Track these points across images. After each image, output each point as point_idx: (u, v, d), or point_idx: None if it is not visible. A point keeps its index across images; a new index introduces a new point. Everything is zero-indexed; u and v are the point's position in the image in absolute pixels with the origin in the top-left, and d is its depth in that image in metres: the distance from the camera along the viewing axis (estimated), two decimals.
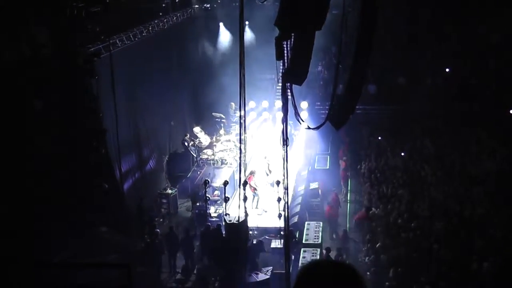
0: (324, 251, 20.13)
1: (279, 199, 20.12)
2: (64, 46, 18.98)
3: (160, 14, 28.41)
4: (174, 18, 28.80)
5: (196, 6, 32.82)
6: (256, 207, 23.53)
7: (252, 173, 23.68)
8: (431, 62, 33.35)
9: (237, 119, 27.76)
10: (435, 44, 32.82)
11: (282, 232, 19.62)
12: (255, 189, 23.49)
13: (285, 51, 12.76)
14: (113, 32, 21.77)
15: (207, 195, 22.82)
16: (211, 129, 30.51)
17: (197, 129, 29.46)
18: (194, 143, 28.74)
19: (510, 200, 20.64)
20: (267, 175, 24.96)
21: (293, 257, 19.82)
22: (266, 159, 25.09)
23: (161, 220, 24.35)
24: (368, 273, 18.21)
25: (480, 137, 27.18)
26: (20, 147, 17.32)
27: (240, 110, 17.23)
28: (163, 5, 29.67)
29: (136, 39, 23.89)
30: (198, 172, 27.03)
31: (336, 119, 13.10)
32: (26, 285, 8.60)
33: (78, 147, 19.64)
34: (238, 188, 20.12)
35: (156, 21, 26.58)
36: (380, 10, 11.39)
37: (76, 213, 18.47)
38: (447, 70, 34.02)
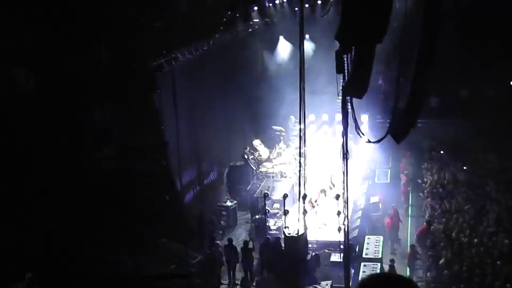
0: (389, 262, 19.92)
1: (339, 213, 20.01)
2: (126, 58, 19.37)
3: (221, 28, 28.66)
4: (235, 32, 29.02)
5: (257, 20, 32.98)
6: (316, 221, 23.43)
7: (323, 191, 23.70)
8: (494, 75, 32.62)
9: (297, 132, 27.76)
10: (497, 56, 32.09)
11: (341, 246, 19.50)
12: (314, 202, 23.40)
13: (346, 65, 12.74)
14: (175, 47, 22.08)
15: (266, 207, 22.88)
16: (271, 142, 30.58)
17: (256, 142, 29.58)
18: (254, 156, 28.86)
19: None
20: (330, 189, 24.84)
21: (353, 271, 19.64)
22: (330, 173, 24.90)
23: (221, 232, 24.49)
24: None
25: None
26: (80, 162, 17.72)
27: (300, 123, 17.28)
28: (224, 19, 29.93)
29: (197, 53, 24.15)
30: (258, 185, 27.10)
31: (397, 133, 12.96)
32: None
33: (141, 159, 19.99)
34: (298, 202, 20.11)
35: (217, 35, 26.82)
36: (442, 21, 11.24)
37: (139, 225, 18.77)
38: (511, 82, 33.22)
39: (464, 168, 27.00)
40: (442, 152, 29.31)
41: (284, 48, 34.06)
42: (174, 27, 21.99)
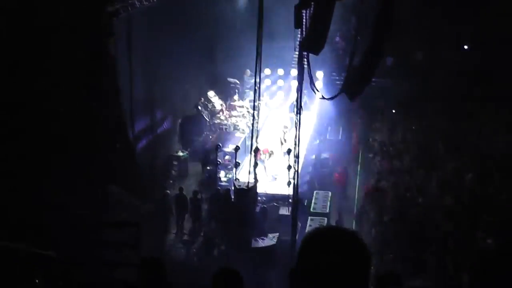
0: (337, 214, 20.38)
1: (289, 167, 20.20)
2: (81, 3, 18.89)
3: None
4: None
5: None
6: (265, 175, 23.59)
7: (271, 153, 23.79)
8: (450, 37, 32.92)
9: (251, 85, 27.73)
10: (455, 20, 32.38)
11: (290, 200, 19.75)
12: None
13: (304, 20, 12.71)
14: None
15: (218, 159, 22.94)
16: (226, 94, 30.48)
17: (211, 93, 29.44)
18: (208, 107, 28.77)
19: None
20: (282, 144, 24.97)
21: (300, 224, 19.95)
22: (285, 129, 24.97)
23: (171, 182, 24.50)
24: (373, 243, 18.30)
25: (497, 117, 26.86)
26: (34, 102, 17.38)
27: (255, 77, 17.24)
28: None
29: (155, 0, 23.71)
30: (210, 137, 27.09)
31: (351, 90, 13.08)
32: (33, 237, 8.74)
33: (92, 106, 19.69)
34: (249, 154, 20.22)
35: None
36: None
37: (88, 172, 18.60)
38: (465, 47, 33.59)
39: (413, 128, 27.38)
40: (394, 111, 29.65)
41: None
42: None
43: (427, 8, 32.79)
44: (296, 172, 17.68)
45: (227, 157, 24.66)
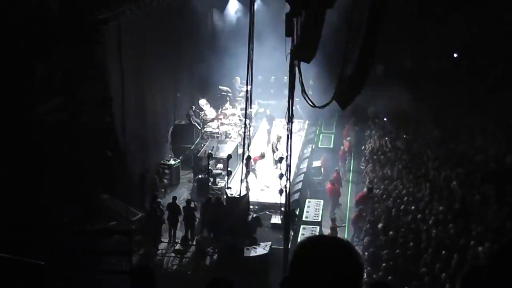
0: (331, 223, 20.39)
1: (281, 176, 20.20)
2: (71, 11, 18.89)
3: None
4: None
5: None
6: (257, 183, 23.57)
7: (262, 156, 23.79)
8: (438, 45, 33.10)
9: (243, 93, 27.75)
10: (443, 27, 32.55)
11: (282, 208, 19.73)
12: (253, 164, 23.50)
13: (295, 28, 12.73)
14: (122, 1, 21.62)
15: (210, 167, 22.92)
16: (217, 102, 30.48)
17: (202, 102, 29.43)
18: (200, 115, 28.78)
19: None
20: (274, 152, 24.96)
21: (292, 233, 19.94)
22: (279, 138, 24.87)
23: (163, 190, 24.45)
24: (366, 253, 18.30)
25: (487, 125, 26.99)
26: (21, 112, 17.35)
27: (247, 85, 17.24)
28: None
29: (145, 8, 23.68)
30: (202, 145, 27.08)
31: (342, 99, 13.10)
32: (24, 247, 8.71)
33: (83, 114, 19.67)
34: (241, 163, 20.22)
35: None
36: None
37: (78, 180, 18.57)
38: (455, 55, 33.79)
39: (404, 136, 27.46)
40: (385, 119, 29.74)
41: (234, 7, 33.78)
42: None
43: (416, 16, 33.03)
44: (288, 181, 17.66)
45: (219, 165, 24.64)
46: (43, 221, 15.73)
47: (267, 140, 27.26)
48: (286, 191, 17.75)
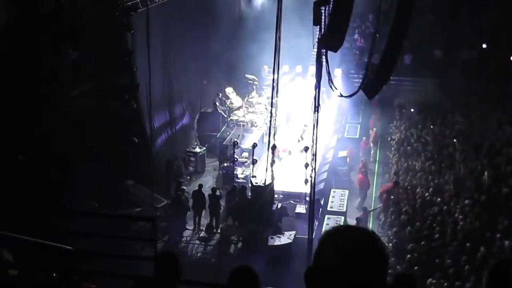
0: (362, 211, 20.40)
1: (306, 165, 20.14)
2: None
3: None
4: None
5: None
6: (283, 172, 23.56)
7: (289, 152, 23.85)
8: (468, 36, 32.73)
9: (269, 82, 27.69)
10: (474, 17, 32.18)
11: (307, 198, 19.71)
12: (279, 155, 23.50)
13: (323, 17, 12.67)
14: None
15: (235, 156, 22.95)
16: (243, 91, 30.46)
17: (229, 90, 29.44)
18: (226, 103, 28.80)
19: None
20: (299, 141, 24.91)
21: (317, 223, 19.91)
22: (305, 127, 24.81)
23: (188, 177, 24.56)
24: (390, 244, 18.23)
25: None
26: (54, 96, 17.52)
27: (273, 74, 17.21)
28: None
29: None
30: (228, 133, 27.11)
31: (369, 88, 13.04)
32: (51, 232, 8.79)
33: (111, 100, 19.82)
34: (267, 151, 20.20)
35: None
36: None
37: (105, 165, 18.71)
38: (484, 45, 33.35)
39: (432, 127, 27.21)
40: (412, 110, 29.49)
41: None
42: None
43: (446, 7, 32.68)
44: (313, 170, 17.62)
45: (244, 153, 24.66)
46: (71, 206, 15.89)
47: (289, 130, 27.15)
48: (311, 180, 17.72)
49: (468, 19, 32.34)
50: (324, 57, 13.61)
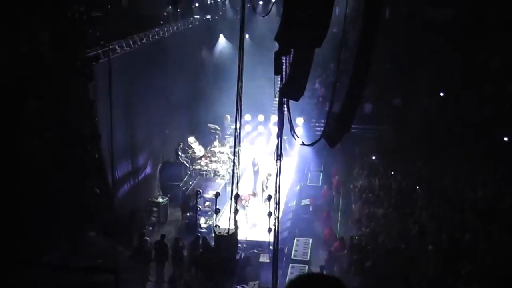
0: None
1: (269, 214, 20.11)
2: (63, 47, 18.98)
3: (161, 22, 28.48)
4: (175, 27, 28.86)
5: (197, 16, 32.95)
6: (246, 222, 23.47)
7: (254, 194, 23.81)
8: (427, 85, 33.45)
9: (232, 131, 27.81)
10: (432, 66, 32.96)
11: (271, 247, 19.61)
12: (244, 203, 23.42)
13: (284, 66, 12.82)
14: (113, 38, 21.79)
15: (198, 205, 22.83)
16: (206, 139, 30.51)
17: (191, 139, 29.45)
18: (188, 153, 28.77)
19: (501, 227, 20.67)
20: (263, 190, 24.91)
21: (280, 272, 19.78)
22: (268, 176, 24.80)
23: (151, 228, 24.30)
24: None
25: (474, 163, 27.12)
26: (14, 147, 17.30)
27: (235, 123, 17.28)
28: (165, 13, 29.75)
29: (136, 46, 23.91)
30: (191, 182, 27.02)
31: (331, 137, 13.14)
32: (12, 284, 8.59)
33: (72, 150, 19.61)
34: (230, 201, 20.13)
35: (157, 29, 26.63)
36: (380, 31, 11.46)
37: (66, 217, 18.43)
38: (441, 94, 34.11)
39: (392, 173, 27.51)
40: (374, 158, 29.83)
41: (223, 46, 34.10)
42: (114, 19, 21.69)
43: (405, 56, 33.46)
44: (276, 219, 17.59)
45: (207, 203, 24.55)
46: (28, 259, 15.54)
47: (254, 180, 27.02)
48: (274, 229, 17.67)
49: (427, 68, 33.10)
50: (285, 106, 13.74)
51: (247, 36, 29.22)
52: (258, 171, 26.72)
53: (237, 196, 19.85)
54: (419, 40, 33.29)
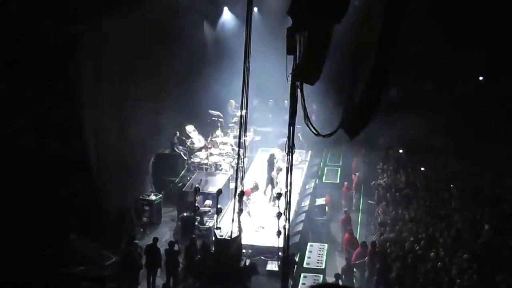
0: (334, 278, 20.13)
1: (279, 215, 20.00)
2: (42, 22, 18.87)
3: None
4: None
5: None
6: (252, 223, 23.41)
7: (255, 187, 23.66)
8: (462, 68, 33.22)
9: (237, 119, 27.69)
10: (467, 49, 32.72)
11: (280, 253, 19.55)
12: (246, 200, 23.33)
13: (298, 45, 12.67)
14: (102, 11, 21.60)
15: (196, 204, 22.76)
16: (207, 129, 30.38)
17: (190, 128, 29.33)
18: (186, 144, 28.69)
19: None
20: (273, 187, 24.82)
21: (291, 282, 19.73)
22: (279, 171, 24.70)
23: (142, 230, 24.25)
24: None
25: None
26: None
27: (241, 109, 17.15)
28: None
29: (128, 19, 23.67)
30: (188, 178, 26.94)
31: (350, 127, 12.96)
32: None
33: (49, 139, 19.52)
34: (233, 199, 20.06)
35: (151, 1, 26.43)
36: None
37: (42, 217, 18.39)
38: (480, 78, 33.88)
39: (422, 169, 27.38)
40: (400, 151, 29.68)
41: (228, 21, 33.95)
42: None
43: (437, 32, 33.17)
44: (287, 221, 17.49)
45: (207, 201, 24.48)
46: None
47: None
48: (284, 232, 17.58)
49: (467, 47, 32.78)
50: (299, 90, 13.59)
51: (255, 9, 29.07)
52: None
53: (242, 194, 19.77)
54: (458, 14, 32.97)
